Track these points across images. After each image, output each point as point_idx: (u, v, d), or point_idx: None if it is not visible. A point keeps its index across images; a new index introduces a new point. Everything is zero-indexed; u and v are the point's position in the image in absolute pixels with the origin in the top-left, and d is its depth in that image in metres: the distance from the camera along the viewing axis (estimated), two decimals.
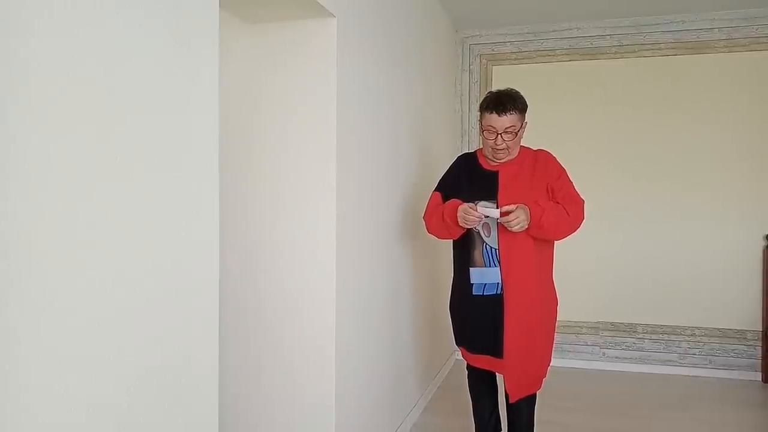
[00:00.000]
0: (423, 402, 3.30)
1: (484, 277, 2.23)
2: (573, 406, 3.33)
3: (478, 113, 2.29)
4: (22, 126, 0.83)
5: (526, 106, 2.26)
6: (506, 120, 2.17)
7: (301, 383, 2.08)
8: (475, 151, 2.43)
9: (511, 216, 2.07)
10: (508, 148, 2.21)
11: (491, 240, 2.22)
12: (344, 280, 2.13)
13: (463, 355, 2.41)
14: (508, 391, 2.26)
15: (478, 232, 2.24)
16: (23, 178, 0.83)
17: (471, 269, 2.25)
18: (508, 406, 2.37)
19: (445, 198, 2.34)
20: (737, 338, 3.88)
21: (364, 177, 2.34)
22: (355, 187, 2.23)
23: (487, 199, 2.20)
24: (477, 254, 2.25)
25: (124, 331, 1.04)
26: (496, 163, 2.29)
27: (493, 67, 4.27)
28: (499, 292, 2.20)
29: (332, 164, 2.01)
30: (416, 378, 3.20)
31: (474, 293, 2.25)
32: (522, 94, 2.27)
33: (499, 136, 2.18)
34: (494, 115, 2.17)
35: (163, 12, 1.12)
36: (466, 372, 2.50)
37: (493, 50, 4.27)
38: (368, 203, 2.39)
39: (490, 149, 2.24)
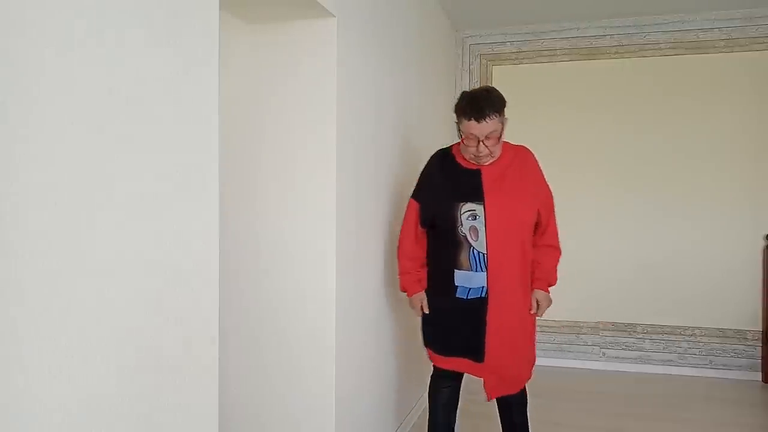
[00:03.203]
0: (423, 402, 3.30)
1: (469, 281, 2.15)
2: (573, 406, 3.33)
3: (455, 116, 2.15)
4: (22, 127, 0.83)
5: (505, 104, 2.11)
6: (486, 126, 2.04)
7: (302, 383, 2.08)
8: (451, 147, 2.29)
9: (541, 311, 2.26)
10: (491, 153, 2.12)
11: (479, 244, 2.12)
12: (344, 279, 2.13)
13: (431, 358, 2.32)
14: (487, 392, 2.21)
15: (465, 236, 2.13)
16: (23, 178, 0.83)
17: (456, 271, 2.17)
18: (500, 407, 2.35)
19: (424, 207, 2.25)
20: (737, 338, 3.89)
21: (364, 176, 2.34)
22: (355, 186, 2.23)
23: (472, 202, 2.13)
24: (463, 258, 2.15)
25: (124, 329, 1.04)
26: (478, 162, 2.18)
27: (493, 67, 4.27)
28: (483, 295, 2.14)
29: (332, 163, 2.01)
30: (416, 378, 3.20)
31: (457, 295, 2.17)
32: (499, 90, 2.13)
33: (481, 143, 2.07)
34: (473, 122, 2.04)
35: (162, 12, 1.12)
36: (430, 377, 2.43)
37: (493, 50, 4.27)
38: (368, 202, 2.39)
39: (473, 156, 2.13)
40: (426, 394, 3.36)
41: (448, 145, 2.35)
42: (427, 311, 2.29)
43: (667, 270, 3.98)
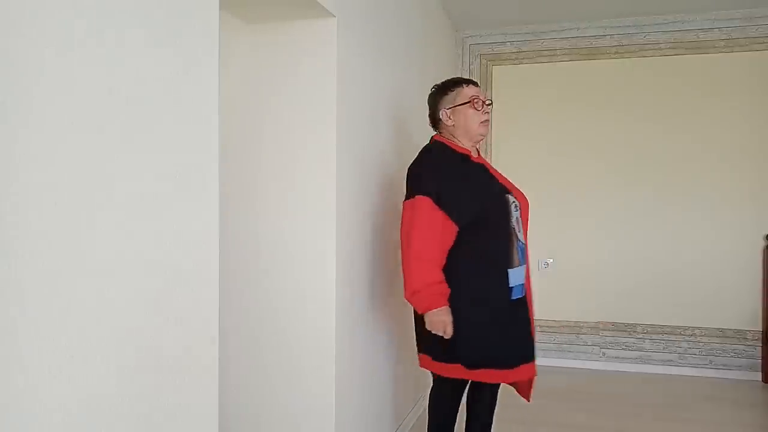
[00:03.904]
0: (423, 402, 3.30)
1: (517, 277, 2.03)
2: (573, 406, 3.33)
3: (442, 98, 2.15)
4: (22, 127, 0.83)
5: None
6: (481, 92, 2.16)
7: (302, 383, 2.08)
8: (442, 142, 2.15)
9: None
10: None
11: (521, 236, 2.09)
12: (344, 279, 2.13)
13: (488, 377, 2.03)
14: (530, 392, 2.17)
15: (514, 228, 2.05)
16: (23, 178, 0.83)
17: (509, 271, 2.01)
18: (477, 404, 2.27)
19: (457, 204, 1.97)
20: (737, 338, 3.89)
21: (364, 176, 2.34)
22: (355, 186, 2.23)
23: (509, 193, 2.09)
24: (514, 252, 2.03)
25: (124, 329, 1.04)
26: (475, 155, 2.17)
27: (493, 67, 4.27)
28: (524, 291, 2.07)
29: (332, 164, 2.02)
30: (417, 377, 3.20)
31: (513, 298, 2.01)
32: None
33: (485, 105, 2.12)
34: (472, 87, 2.13)
35: (163, 12, 1.12)
36: (442, 391, 2.24)
37: (493, 50, 4.27)
38: (368, 202, 2.39)
39: (478, 125, 2.09)
40: (426, 393, 3.36)
41: (429, 143, 2.21)
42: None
43: (667, 270, 3.98)
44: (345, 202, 2.12)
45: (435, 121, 2.22)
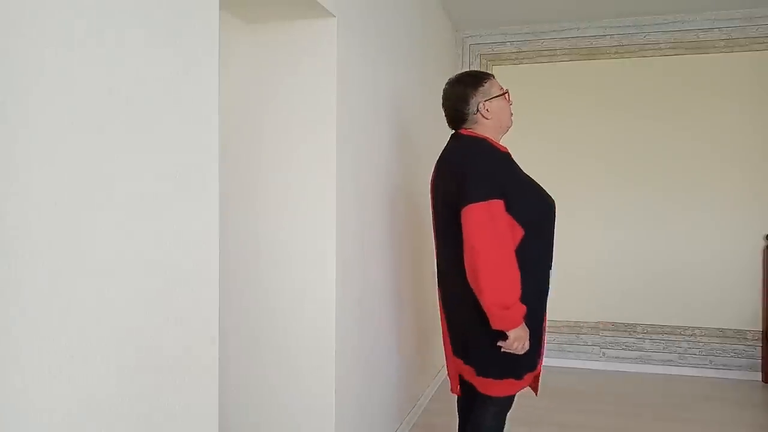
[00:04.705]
0: (423, 402, 3.30)
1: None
2: (573, 406, 3.33)
3: (476, 90, 1.94)
4: (22, 127, 0.83)
5: None
6: None
7: (302, 383, 2.08)
8: (485, 139, 1.92)
9: None
10: None
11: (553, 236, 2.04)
12: (344, 279, 2.13)
13: (523, 382, 1.93)
14: (537, 384, 2.05)
15: (554, 230, 2.01)
16: (23, 178, 0.83)
17: (549, 272, 1.98)
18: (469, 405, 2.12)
19: (521, 205, 1.82)
20: (737, 338, 3.89)
21: (365, 176, 2.34)
22: (356, 186, 2.23)
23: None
24: (552, 254, 1.99)
25: (124, 329, 1.04)
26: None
27: (493, 67, 4.27)
28: None
29: (332, 164, 2.02)
30: (416, 378, 3.20)
31: (547, 299, 1.99)
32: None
33: None
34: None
35: (162, 12, 1.12)
36: (499, 410, 1.99)
37: (493, 50, 4.27)
38: (369, 203, 2.39)
39: (509, 117, 1.99)
40: (426, 393, 3.36)
41: (477, 137, 1.93)
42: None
43: (667, 270, 3.98)
44: (345, 202, 2.12)
45: (463, 117, 1.96)
